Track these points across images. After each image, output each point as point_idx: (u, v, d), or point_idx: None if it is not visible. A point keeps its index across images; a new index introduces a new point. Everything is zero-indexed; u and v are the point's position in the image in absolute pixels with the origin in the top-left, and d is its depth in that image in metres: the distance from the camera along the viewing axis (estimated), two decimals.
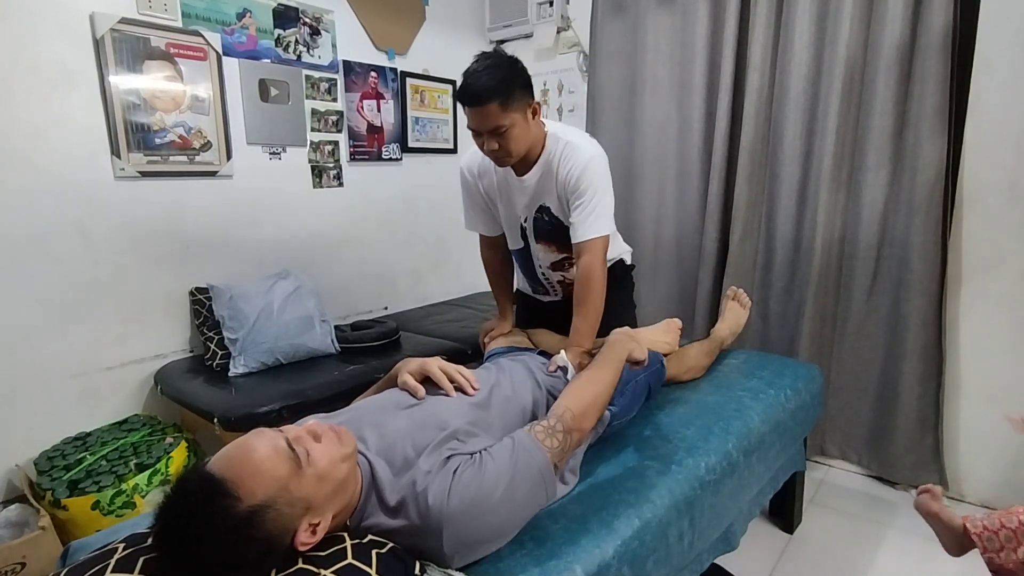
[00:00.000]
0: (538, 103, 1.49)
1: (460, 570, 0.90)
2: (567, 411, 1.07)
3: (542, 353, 1.48)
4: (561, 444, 1.03)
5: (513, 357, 1.38)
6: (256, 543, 0.76)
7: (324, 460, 0.83)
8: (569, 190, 1.50)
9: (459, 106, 1.55)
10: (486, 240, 1.78)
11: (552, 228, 1.60)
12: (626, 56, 2.67)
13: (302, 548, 0.81)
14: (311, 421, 0.91)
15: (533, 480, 0.96)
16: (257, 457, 0.79)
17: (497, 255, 1.80)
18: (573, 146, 1.50)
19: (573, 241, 1.51)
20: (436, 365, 1.17)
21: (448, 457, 0.95)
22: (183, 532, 0.74)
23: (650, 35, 2.56)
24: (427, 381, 1.17)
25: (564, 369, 1.34)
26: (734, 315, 1.96)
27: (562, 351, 1.40)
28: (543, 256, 1.67)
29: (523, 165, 1.54)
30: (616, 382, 1.20)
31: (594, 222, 1.48)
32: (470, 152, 1.64)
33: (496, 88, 1.35)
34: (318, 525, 0.83)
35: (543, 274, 1.73)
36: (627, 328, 1.35)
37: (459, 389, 1.16)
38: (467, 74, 1.39)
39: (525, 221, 1.63)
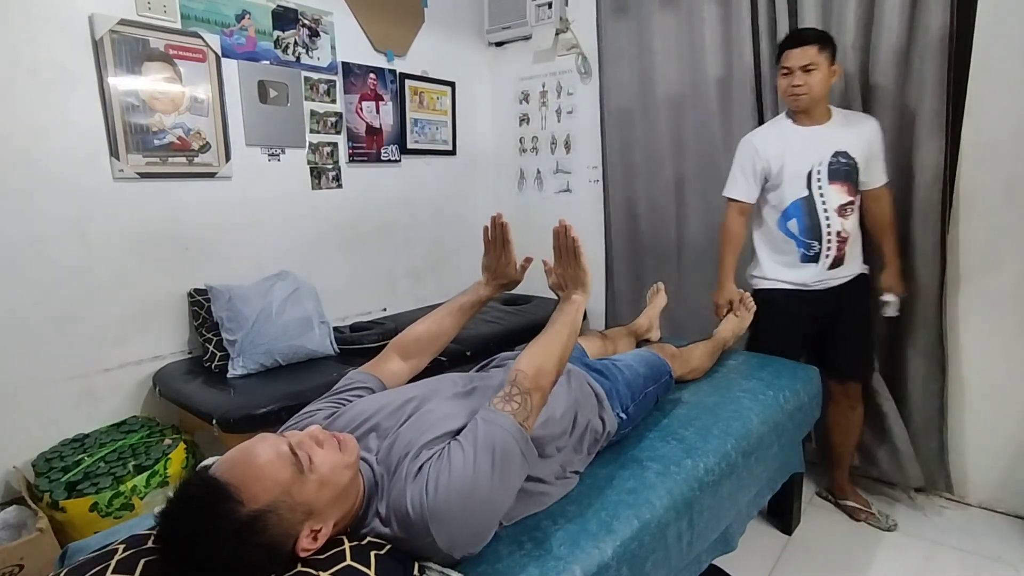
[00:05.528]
0: (836, 69, 1.84)
1: (459, 570, 0.89)
2: (518, 374, 1.02)
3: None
4: (521, 405, 0.98)
5: None
6: (258, 548, 0.76)
7: (326, 466, 0.83)
8: (874, 140, 1.89)
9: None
10: (739, 207, 1.98)
11: (849, 169, 1.86)
12: (631, 57, 2.67)
13: (303, 554, 0.81)
14: (314, 427, 0.90)
15: (506, 445, 0.92)
16: (260, 462, 0.79)
17: (744, 223, 2.01)
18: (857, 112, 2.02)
19: (876, 184, 1.90)
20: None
21: (421, 466, 0.92)
22: (186, 535, 0.74)
23: (656, 37, 2.56)
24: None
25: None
26: (738, 318, 1.96)
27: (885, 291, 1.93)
28: (834, 197, 1.86)
29: (813, 119, 1.88)
30: (574, 338, 1.13)
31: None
32: (757, 132, 2.01)
33: (818, 35, 1.80)
34: (319, 531, 0.83)
35: (827, 220, 1.86)
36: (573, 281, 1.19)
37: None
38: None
39: (820, 165, 1.85)
